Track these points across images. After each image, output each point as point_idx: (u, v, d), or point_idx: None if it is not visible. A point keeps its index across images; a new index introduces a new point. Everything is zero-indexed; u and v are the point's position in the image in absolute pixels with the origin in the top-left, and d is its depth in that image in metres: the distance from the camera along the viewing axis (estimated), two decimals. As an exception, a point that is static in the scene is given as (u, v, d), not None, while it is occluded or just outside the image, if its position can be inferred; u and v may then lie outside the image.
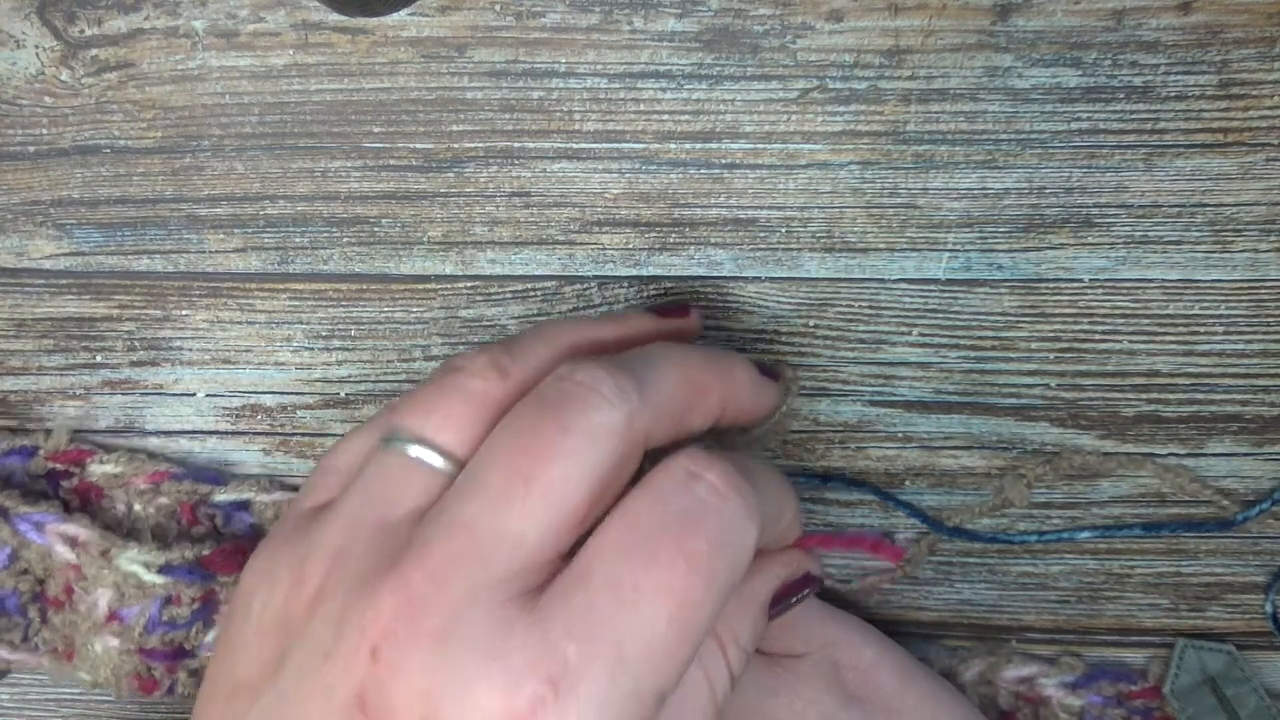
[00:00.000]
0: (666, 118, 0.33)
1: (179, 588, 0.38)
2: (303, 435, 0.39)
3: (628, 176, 0.34)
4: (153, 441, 0.40)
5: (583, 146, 0.34)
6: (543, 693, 0.22)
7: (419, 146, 0.34)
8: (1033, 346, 0.36)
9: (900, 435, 0.38)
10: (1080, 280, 0.35)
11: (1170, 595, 0.39)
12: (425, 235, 0.36)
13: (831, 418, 0.37)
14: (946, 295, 0.36)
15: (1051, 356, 0.36)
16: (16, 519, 0.38)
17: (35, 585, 0.39)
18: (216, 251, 0.36)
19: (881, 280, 0.36)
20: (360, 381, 0.38)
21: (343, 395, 0.38)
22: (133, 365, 0.38)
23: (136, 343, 0.38)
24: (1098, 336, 0.35)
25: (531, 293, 0.36)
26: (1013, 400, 0.37)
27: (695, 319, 0.33)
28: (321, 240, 0.36)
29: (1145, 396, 0.36)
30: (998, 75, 0.32)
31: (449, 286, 0.36)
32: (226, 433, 0.39)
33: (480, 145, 0.34)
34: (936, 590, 0.40)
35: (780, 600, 0.31)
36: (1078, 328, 0.36)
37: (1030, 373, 0.36)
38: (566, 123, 0.33)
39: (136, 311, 0.38)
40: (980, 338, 0.36)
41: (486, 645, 0.23)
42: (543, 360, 0.28)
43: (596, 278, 0.36)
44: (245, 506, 0.40)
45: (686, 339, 0.33)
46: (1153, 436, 0.37)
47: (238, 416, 0.39)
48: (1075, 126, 0.33)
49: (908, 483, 0.38)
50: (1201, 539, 0.38)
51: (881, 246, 0.35)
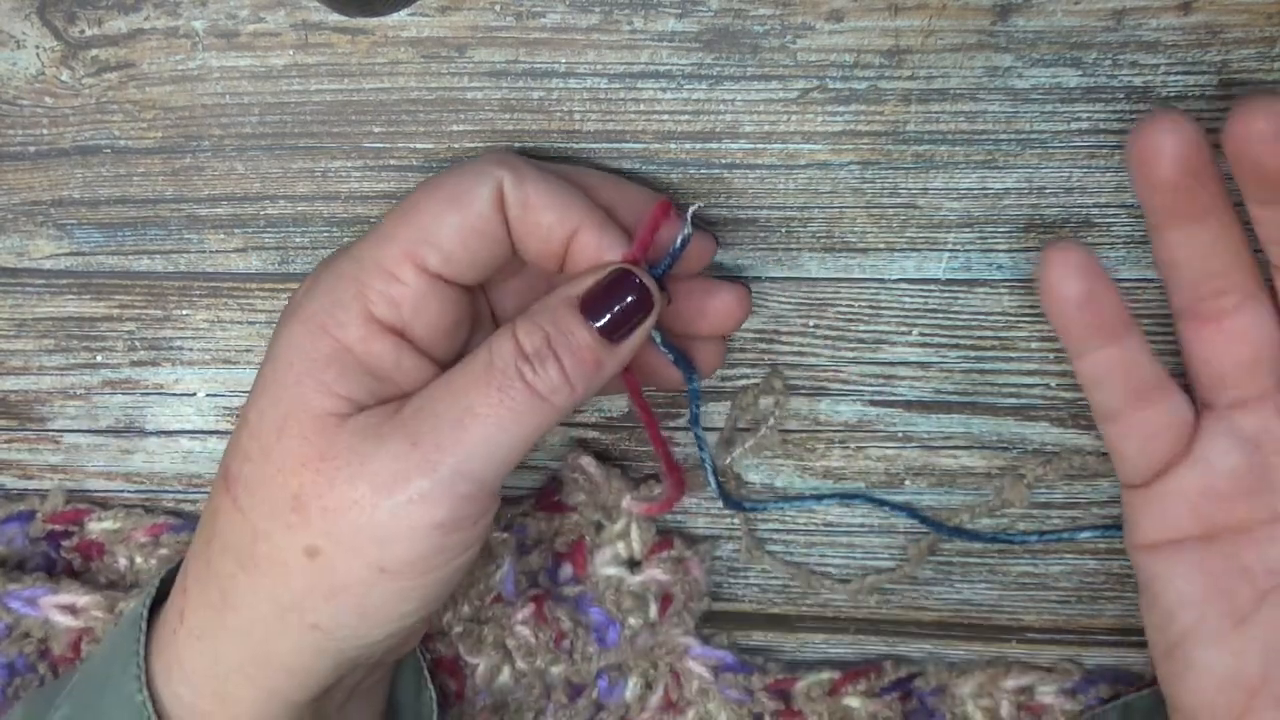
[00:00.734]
0: (666, 118, 0.33)
1: None
2: (303, 435, 0.39)
3: (628, 176, 0.34)
4: (153, 441, 0.40)
5: (583, 146, 0.34)
6: None
7: (419, 146, 0.34)
8: (1033, 346, 0.36)
9: (900, 435, 0.38)
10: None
11: (1170, 595, 0.39)
12: (425, 235, 0.35)
13: (831, 418, 0.37)
14: (946, 295, 0.36)
15: (1051, 356, 0.36)
16: (7, 597, 0.39)
17: (39, 645, 0.39)
18: (217, 251, 0.36)
19: (881, 280, 0.36)
20: (360, 381, 0.38)
21: (343, 395, 0.38)
22: (133, 365, 0.38)
23: (137, 343, 0.38)
24: (1098, 336, 0.35)
25: (531, 293, 0.36)
26: (1013, 400, 0.37)
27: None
28: (322, 240, 0.36)
29: (1145, 396, 0.36)
30: (998, 75, 0.32)
31: (449, 286, 0.36)
32: (227, 433, 0.39)
33: (480, 145, 0.34)
34: (936, 590, 0.40)
35: (595, 302, 0.29)
36: (1078, 328, 0.36)
37: (1030, 373, 0.36)
38: (566, 123, 0.33)
39: (137, 311, 0.38)
40: (980, 338, 0.36)
41: None
42: None
43: (596, 278, 0.36)
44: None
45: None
46: (1153, 436, 0.37)
47: (238, 416, 0.39)
48: (1075, 126, 0.33)
49: (908, 483, 0.38)
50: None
51: (881, 246, 0.35)
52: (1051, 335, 0.36)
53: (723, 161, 0.34)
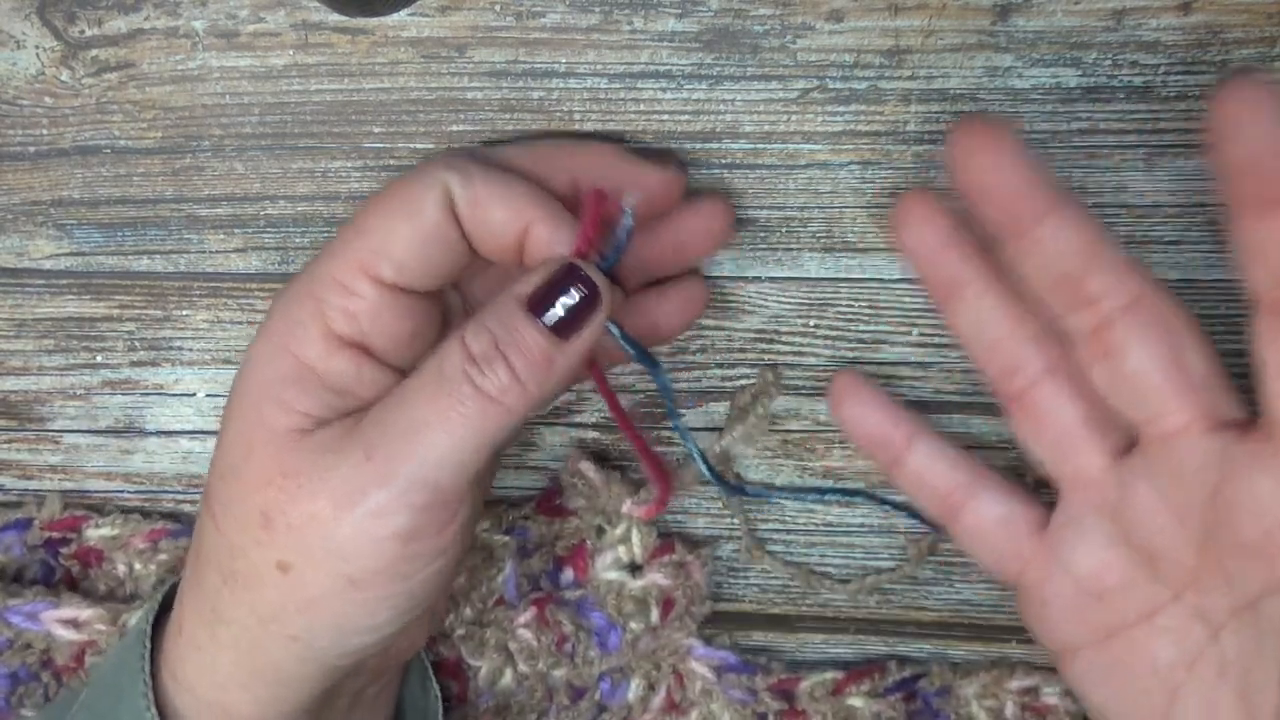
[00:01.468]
0: (666, 118, 0.33)
1: None
2: (303, 435, 0.39)
3: (628, 176, 0.34)
4: (153, 442, 0.40)
5: (583, 146, 0.34)
6: None
7: (419, 147, 0.34)
8: (1033, 346, 0.36)
9: (900, 435, 0.38)
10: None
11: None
12: (425, 235, 0.35)
13: (831, 418, 0.37)
14: (947, 295, 0.35)
15: (1052, 356, 0.36)
16: (7, 612, 0.39)
17: (41, 655, 0.39)
18: (217, 251, 0.36)
19: (881, 280, 0.36)
20: (360, 382, 0.38)
21: (343, 395, 0.38)
22: (133, 365, 0.38)
23: (137, 343, 0.38)
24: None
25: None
26: (1013, 400, 0.37)
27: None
28: (322, 240, 0.36)
29: (1145, 396, 0.36)
30: (998, 75, 0.32)
31: (449, 286, 0.36)
32: (227, 433, 0.39)
33: (481, 145, 0.34)
34: (936, 590, 0.40)
35: (541, 299, 0.29)
36: (1078, 328, 0.36)
37: (1030, 373, 0.36)
38: (567, 123, 0.33)
39: (137, 311, 0.38)
40: (980, 338, 0.36)
41: None
42: None
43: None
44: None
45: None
46: (1153, 436, 0.37)
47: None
48: (1075, 126, 0.33)
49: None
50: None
51: (881, 246, 0.35)
52: (1052, 335, 0.36)
53: (723, 161, 0.34)
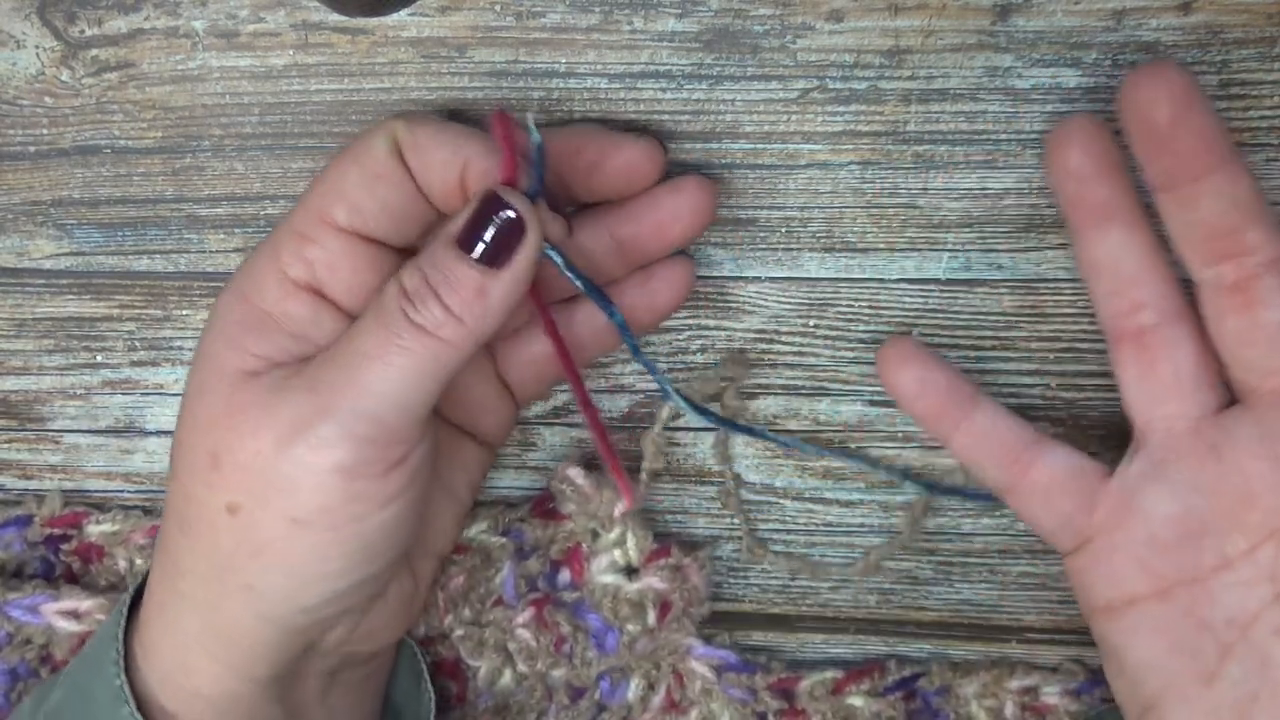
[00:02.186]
0: (666, 118, 0.33)
1: None
2: (303, 435, 0.39)
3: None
4: (153, 441, 0.40)
5: (583, 146, 0.34)
6: None
7: (419, 146, 0.34)
8: (1033, 346, 0.36)
9: (900, 435, 0.38)
10: (1080, 280, 0.35)
11: (1170, 595, 0.39)
12: (425, 235, 0.36)
13: (831, 418, 0.37)
14: (946, 295, 0.36)
15: (1051, 356, 0.36)
16: (8, 607, 0.39)
17: (41, 650, 0.39)
18: (217, 251, 0.36)
19: (881, 280, 0.36)
20: (360, 381, 0.38)
21: (343, 395, 0.38)
22: (133, 365, 0.38)
23: (137, 343, 0.38)
24: (1098, 336, 0.35)
25: (532, 293, 0.36)
26: (1013, 400, 0.37)
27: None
28: (322, 240, 0.36)
29: (1145, 396, 0.36)
30: (998, 75, 0.32)
31: (449, 286, 0.36)
32: (227, 433, 0.39)
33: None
34: (936, 590, 0.40)
35: (470, 232, 0.29)
36: (1077, 328, 0.36)
37: (1030, 373, 0.36)
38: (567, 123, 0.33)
39: (137, 311, 0.38)
40: (980, 338, 0.36)
41: None
42: None
43: (596, 278, 0.36)
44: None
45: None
46: (1153, 436, 0.37)
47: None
48: (1075, 126, 0.33)
49: (907, 483, 0.38)
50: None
51: (881, 246, 0.35)
52: (1051, 335, 0.36)
53: (723, 161, 0.34)
